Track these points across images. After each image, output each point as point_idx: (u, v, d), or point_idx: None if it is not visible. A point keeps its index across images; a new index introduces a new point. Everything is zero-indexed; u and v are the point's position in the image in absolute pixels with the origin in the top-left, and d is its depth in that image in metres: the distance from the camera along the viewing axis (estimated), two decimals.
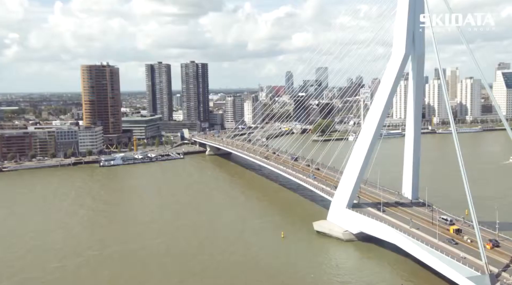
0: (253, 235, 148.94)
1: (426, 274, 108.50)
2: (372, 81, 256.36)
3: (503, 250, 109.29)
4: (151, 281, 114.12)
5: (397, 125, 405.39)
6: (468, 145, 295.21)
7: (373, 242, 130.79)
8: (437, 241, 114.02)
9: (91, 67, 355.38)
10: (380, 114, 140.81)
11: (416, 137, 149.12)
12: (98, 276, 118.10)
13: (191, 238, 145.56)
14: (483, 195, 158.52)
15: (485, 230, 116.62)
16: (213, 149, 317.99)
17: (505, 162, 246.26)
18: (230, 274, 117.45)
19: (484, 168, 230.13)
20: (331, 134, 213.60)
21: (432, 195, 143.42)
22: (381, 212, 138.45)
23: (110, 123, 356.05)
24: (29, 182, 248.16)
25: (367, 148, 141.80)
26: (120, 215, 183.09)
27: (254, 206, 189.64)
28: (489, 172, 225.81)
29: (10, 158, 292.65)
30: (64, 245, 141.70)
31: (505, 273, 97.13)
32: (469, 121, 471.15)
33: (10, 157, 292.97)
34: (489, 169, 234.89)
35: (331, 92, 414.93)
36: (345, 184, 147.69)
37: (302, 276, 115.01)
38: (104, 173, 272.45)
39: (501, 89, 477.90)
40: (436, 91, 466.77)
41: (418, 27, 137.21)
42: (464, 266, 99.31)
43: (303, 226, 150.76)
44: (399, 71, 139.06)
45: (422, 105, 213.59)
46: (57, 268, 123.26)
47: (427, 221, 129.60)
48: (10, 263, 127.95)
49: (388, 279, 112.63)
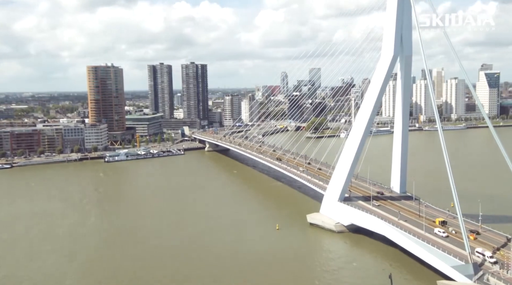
0: (249, 226, 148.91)
1: (413, 263, 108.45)
2: (362, 81, 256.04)
3: (485, 240, 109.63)
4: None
5: (386, 123, 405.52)
6: (453, 141, 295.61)
7: (363, 233, 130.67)
8: (423, 232, 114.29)
9: (97, 68, 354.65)
10: (370, 112, 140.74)
11: (404, 134, 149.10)
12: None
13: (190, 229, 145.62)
14: (467, 188, 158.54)
15: (469, 221, 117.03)
16: (212, 145, 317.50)
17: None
18: (226, 261, 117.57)
19: (469, 163, 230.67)
20: (324, 131, 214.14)
21: (419, 188, 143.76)
22: (371, 205, 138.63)
23: (114, 121, 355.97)
24: (44, 175, 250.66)
25: (358, 144, 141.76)
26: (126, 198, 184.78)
27: (250, 199, 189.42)
28: (473, 167, 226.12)
29: (20, 154, 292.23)
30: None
31: (487, 262, 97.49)
32: (454, 119, 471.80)
33: (19, 153, 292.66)
34: (474, 164, 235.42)
35: (323, 92, 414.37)
36: (337, 179, 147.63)
37: (295, 264, 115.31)
38: (110, 167, 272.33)
39: (484, 89, 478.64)
40: (423, 90, 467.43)
41: (406, 29, 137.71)
42: (449, 255, 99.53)
43: (297, 219, 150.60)
44: (388, 72, 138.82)
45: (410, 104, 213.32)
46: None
47: (414, 213, 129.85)
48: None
49: (377, 268, 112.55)
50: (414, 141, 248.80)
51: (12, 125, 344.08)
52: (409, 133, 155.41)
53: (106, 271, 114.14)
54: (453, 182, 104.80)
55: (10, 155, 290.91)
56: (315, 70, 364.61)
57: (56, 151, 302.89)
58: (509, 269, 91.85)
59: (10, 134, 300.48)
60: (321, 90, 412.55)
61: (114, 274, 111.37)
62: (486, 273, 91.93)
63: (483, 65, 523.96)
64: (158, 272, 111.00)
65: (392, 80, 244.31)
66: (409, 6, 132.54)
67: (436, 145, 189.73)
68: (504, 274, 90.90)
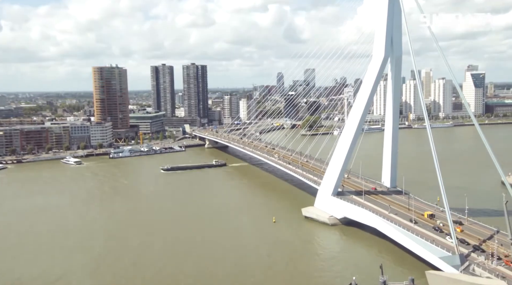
0: (247, 219, 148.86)
1: (403, 254, 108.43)
2: (355, 81, 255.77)
3: (471, 232, 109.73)
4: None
5: (377, 121, 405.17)
6: (441, 138, 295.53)
7: (356, 226, 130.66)
8: (412, 225, 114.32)
9: (102, 69, 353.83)
10: (362, 111, 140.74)
11: (394, 132, 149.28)
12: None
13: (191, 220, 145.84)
14: (454, 183, 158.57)
15: (455, 215, 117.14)
16: (211, 142, 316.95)
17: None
18: (225, 251, 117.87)
19: (455, 159, 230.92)
20: (318, 129, 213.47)
21: (408, 183, 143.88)
22: (363, 199, 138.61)
23: (118, 119, 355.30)
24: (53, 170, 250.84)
25: (350, 141, 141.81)
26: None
27: (247, 193, 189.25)
28: (460, 163, 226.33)
29: (29, 150, 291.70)
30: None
31: (473, 253, 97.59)
32: (442, 118, 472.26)
33: (29, 149, 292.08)
34: (460, 160, 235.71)
35: (318, 91, 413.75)
36: (331, 174, 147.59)
37: (290, 253, 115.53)
38: (115, 163, 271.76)
39: (470, 89, 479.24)
40: (412, 90, 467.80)
41: (396, 32, 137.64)
42: (436, 247, 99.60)
43: (293, 212, 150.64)
44: (379, 72, 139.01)
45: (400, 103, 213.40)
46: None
47: (404, 207, 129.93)
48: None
49: (368, 258, 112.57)
50: (403, 139, 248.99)
51: (21, 123, 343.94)
52: (399, 131, 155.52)
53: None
54: (441, 177, 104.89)
55: (20, 152, 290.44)
56: (310, 70, 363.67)
57: (63, 148, 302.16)
58: (493, 260, 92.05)
59: (20, 132, 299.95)
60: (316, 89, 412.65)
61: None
62: (472, 264, 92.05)
63: (469, 66, 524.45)
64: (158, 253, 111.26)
65: (383, 80, 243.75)
66: (399, 11, 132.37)
67: (424, 141, 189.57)
68: (489, 265, 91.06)
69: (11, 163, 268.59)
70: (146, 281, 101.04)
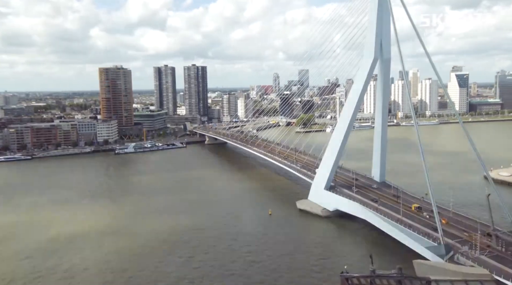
0: (244, 212, 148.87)
1: (391, 244, 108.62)
2: (346, 82, 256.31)
3: (456, 224, 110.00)
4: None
5: (368, 119, 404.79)
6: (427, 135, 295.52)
7: (347, 218, 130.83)
8: (401, 216, 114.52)
9: (108, 70, 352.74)
10: (353, 109, 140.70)
11: (383, 129, 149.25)
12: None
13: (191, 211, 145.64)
14: (440, 178, 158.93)
15: (441, 207, 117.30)
16: (211, 139, 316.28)
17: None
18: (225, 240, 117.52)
19: (442, 155, 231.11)
20: (312, 126, 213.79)
21: (397, 177, 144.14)
22: (354, 192, 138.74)
23: (123, 117, 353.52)
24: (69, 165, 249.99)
25: (342, 138, 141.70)
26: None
27: (245, 187, 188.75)
28: (446, 159, 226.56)
29: (39, 146, 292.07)
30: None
31: (458, 243, 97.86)
32: (428, 116, 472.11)
33: (39, 145, 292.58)
34: (446, 156, 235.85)
35: (311, 91, 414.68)
36: (323, 169, 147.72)
37: (285, 243, 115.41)
38: (121, 159, 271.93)
39: (454, 89, 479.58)
40: (401, 90, 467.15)
41: (385, 36, 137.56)
42: (423, 238, 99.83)
43: (288, 205, 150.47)
44: (369, 73, 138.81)
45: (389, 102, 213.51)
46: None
47: (392, 200, 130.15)
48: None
49: (359, 248, 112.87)
50: (392, 135, 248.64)
51: (32, 121, 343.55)
52: (388, 128, 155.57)
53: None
54: (427, 172, 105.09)
55: (31, 148, 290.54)
56: (304, 71, 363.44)
57: (71, 144, 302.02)
58: (476, 250, 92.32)
59: (31, 129, 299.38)
60: (309, 89, 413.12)
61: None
62: (457, 253, 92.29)
63: (453, 67, 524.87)
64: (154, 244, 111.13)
65: (373, 80, 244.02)
66: (388, 15, 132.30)
67: (412, 138, 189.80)
68: (472, 254, 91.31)
69: (23, 159, 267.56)
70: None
